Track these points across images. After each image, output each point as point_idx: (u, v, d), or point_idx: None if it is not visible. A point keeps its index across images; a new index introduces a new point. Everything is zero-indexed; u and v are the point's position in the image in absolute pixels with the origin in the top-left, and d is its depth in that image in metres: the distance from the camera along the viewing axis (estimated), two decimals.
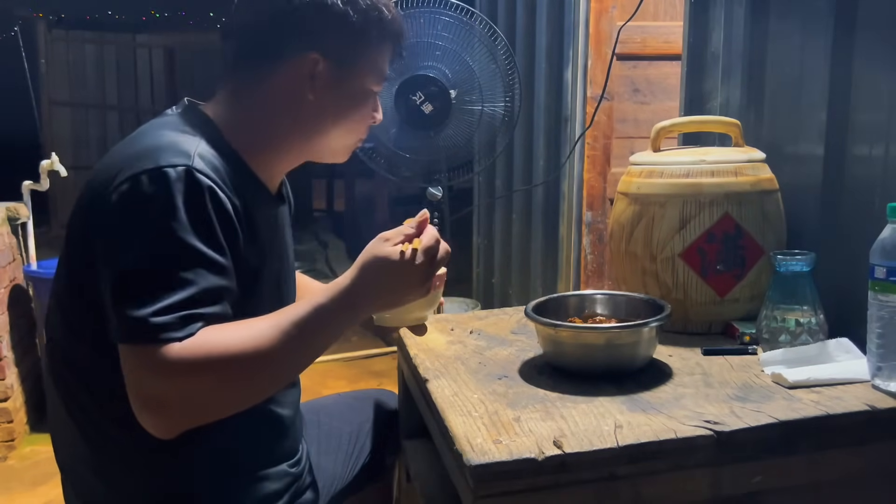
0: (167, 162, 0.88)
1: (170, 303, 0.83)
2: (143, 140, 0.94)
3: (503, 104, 2.32)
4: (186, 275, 0.85)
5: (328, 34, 1.01)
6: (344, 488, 1.30)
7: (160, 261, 0.85)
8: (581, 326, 1.15)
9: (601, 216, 2.73)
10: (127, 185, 0.87)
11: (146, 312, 0.82)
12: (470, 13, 2.24)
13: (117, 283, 0.85)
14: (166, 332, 0.82)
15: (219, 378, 0.85)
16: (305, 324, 0.90)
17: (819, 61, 1.33)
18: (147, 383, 0.83)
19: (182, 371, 0.82)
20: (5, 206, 2.88)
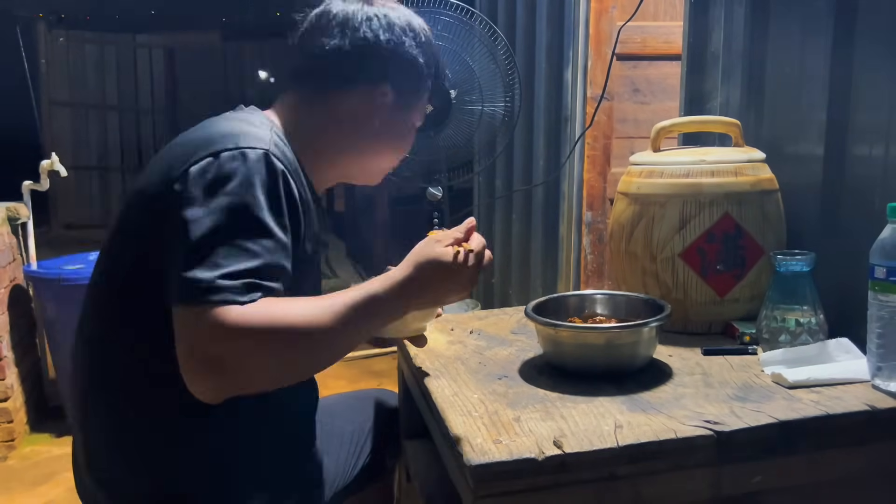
0: (247, 144, 0.94)
1: (236, 269, 0.87)
2: (215, 127, 1.00)
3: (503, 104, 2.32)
4: (254, 247, 0.89)
5: (399, 72, 1.13)
6: (344, 488, 1.31)
7: (232, 231, 0.89)
8: (581, 326, 1.15)
9: (601, 216, 2.73)
10: (207, 161, 0.92)
11: (213, 275, 0.86)
12: (470, 13, 2.24)
13: (189, 251, 0.88)
14: (230, 295, 0.85)
15: (273, 346, 0.88)
16: (358, 308, 0.94)
17: (819, 61, 1.33)
18: (204, 344, 0.85)
19: (240, 334, 0.85)
20: (5, 206, 2.88)
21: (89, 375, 1.05)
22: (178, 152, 0.97)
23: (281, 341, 0.88)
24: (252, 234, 0.90)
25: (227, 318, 0.84)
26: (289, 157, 1.01)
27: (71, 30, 7.54)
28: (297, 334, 0.89)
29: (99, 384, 1.03)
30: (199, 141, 0.97)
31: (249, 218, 0.90)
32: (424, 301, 1.02)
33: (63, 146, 6.93)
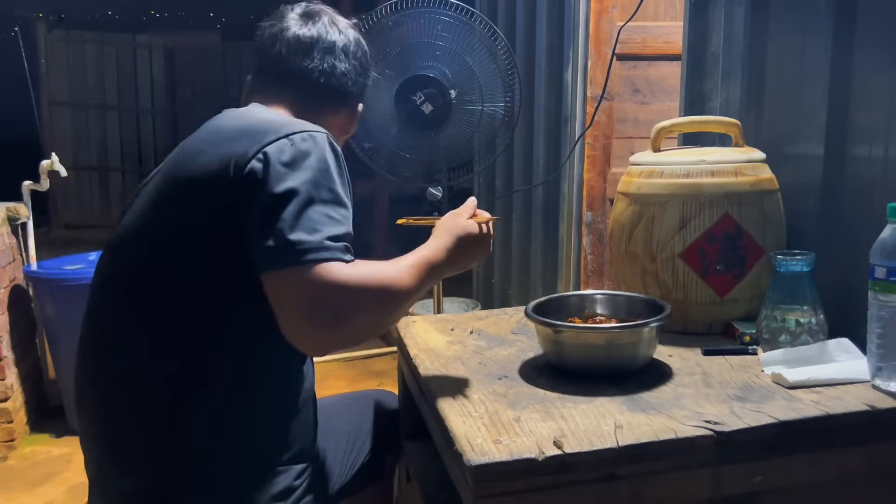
0: (311, 128, 1.04)
1: (335, 233, 0.96)
2: (264, 116, 1.11)
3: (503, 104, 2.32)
4: (338, 216, 0.98)
5: (367, 83, 1.32)
6: (343, 488, 1.31)
7: (321, 201, 0.97)
8: (581, 327, 1.15)
9: (601, 216, 2.73)
10: (284, 142, 1.00)
11: (319, 237, 0.94)
12: (470, 13, 2.24)
13: (285, 220, 0.94)
14: (338, 253, 0.94)
15: (377, 299, 0.97)
16: (423, 270, 1.05)
17: (819, 61, 1.33)
18: (321, 297, 0.92)
19: (354, 286, 0.94)
20: (5, 206, 2.88)
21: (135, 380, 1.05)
22: (232, 139, 1.02)
23: (381, 295, 0.98)
24: (335, 203, 0.99)
25: (342, 273, 0.93)
26: None
27: (71, 30, 7.53)
28: (392, 290, 0.99)
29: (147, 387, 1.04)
30: (255, 127, 1.03)
31: (331, 190, 0.99)
32: (462, 265, 1.14)
33: (63, 146, 6.92)
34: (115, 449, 1.07)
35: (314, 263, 0.92)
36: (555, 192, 2.86)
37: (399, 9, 2.16)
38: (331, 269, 0.93)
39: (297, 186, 0.96)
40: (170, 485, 1.03)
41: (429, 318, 1.46)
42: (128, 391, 1.05)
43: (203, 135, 1.10)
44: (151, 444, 1.03)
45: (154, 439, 1.03)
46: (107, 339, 1.08)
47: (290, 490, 1.07)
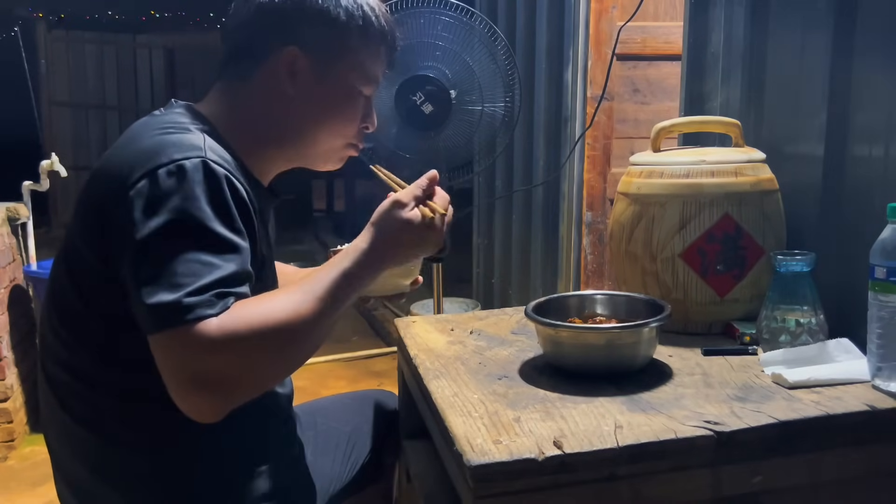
0: (182, 155, 0.89)
1: (200, 285, 0.83)
2: (146, 139, 0.94)
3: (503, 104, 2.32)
4: (212, 259, 0.86)
5: (307, 30, 1.03)
6: (343, 489, 1.30)
7: (185, 247, 0.85)
8: (581, 327, 1.15)
9: (601, 216, 2.73)
10: (145, 182, 0.88)
11: (178, 296, 0.82)
12: (470, 13, 2.24)
13: (145, 276, 0.84)
14: (201, 310, 0.82)
15: (262, 346, 0.85)
16: (337, 288, 0.93)
17: (819, 61, 1.33)
18: (191, 365, 0.82)
19: (224, 344, 0.82)
20: (5, 206, 2.88)
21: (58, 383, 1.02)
22: (111, 172, 0.92)
23: (269, 339, 0.85)
24: (206, 246, 0.86)
25: (209, 332, 0.81)
26: (227, 158, 0.95)
27: (71, 30, 7.54)
28: (284, 329, 0.86)
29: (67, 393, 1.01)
30: (129, 160, 0.91)
31: (200, 230, 0.86)
32: (398, 262, 1.02)
33: (63, 146, 6.93)
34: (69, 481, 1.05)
35: (173, 328, 0.81)
36: (555, 192, 2.86)
37: (399, 9, 2.16)
38: (194, 331, 0.81)
39: (154, 236, 0.85)
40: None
41: (429, 318, 1.46)
42: (53, 402, 1.02)
43: (105, 159, 0.98)
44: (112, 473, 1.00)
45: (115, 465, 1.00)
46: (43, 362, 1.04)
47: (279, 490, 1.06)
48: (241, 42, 1.06)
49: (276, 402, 1.12)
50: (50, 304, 1.03)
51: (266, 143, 1.07)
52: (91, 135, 7.62)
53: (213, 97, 1.08)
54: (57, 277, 1.02)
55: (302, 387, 1.22)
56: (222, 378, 0.83)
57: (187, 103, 1.07)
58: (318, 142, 1.10)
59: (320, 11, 1.03)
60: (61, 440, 1.04)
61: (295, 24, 1.03)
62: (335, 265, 0.95)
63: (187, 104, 1.06)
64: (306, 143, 1.09)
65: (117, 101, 7.72)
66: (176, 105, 1.06)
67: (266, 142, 1.07)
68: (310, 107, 1.06)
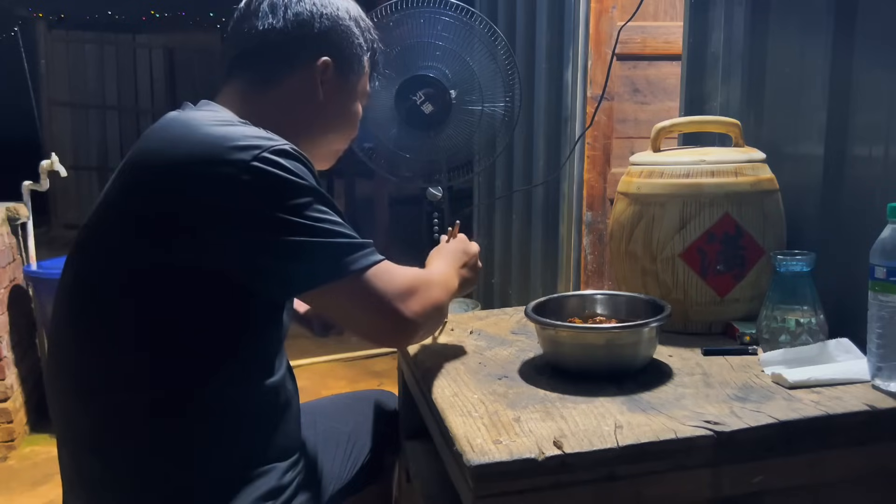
0: (268, 142, 0.95)
1: (357, 240, 0.98)
2: (210, 129, 0.96)
3: (503, 104, 2.31)
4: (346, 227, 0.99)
5: (337, 44, 1.15)
6: (343, 489, 1.30)
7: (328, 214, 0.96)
8: (581, 327, 1.15)
9: (601, 216, 2.73)
10: (245, 167, 0.91)
11: (362, 241, 0.98)
12: (470, 13, 2.24)
13: (308, 246, 0.93)
14: (369, 256, 0.98)
15: (433, 289, 1.06)
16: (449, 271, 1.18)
17: (819, 61, 1.33)
18: (392, 300, 0.98)
19: (411, 280, 1.01)
20: (5, 206, 2.88)
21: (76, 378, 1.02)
22: (181, 164, 0.94)
23: (433, 285, 1.06)
24: (336, 212, 0.98)
25: (390, 273, 0.99)
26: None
27: (71, 30, 7.54)
28: (438, 279, 1.10)
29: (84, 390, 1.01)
30: (204, 147, 0.93)
31: (325, 199, 0.97)
32: (463, 289, 1.23)
33: (63, 146, 6.93)
34: (79, 473, 1.05)
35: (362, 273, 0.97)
36: (555, 192, 2.86)
37: (399, 9, 2.16)
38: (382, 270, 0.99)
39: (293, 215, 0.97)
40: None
41: None
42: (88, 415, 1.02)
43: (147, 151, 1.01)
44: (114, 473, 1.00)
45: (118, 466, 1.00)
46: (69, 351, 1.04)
47: (279, 489, 1.07)
48: (271, 48, 1.11)
49: (282, 402, 1.12)
50: (71, 305, 1.02)
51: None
52: (91, 135, 7.61)
53: (232, 97, 1.11)
54: (78, 276, 1.01)
55: (302, 387, 1.22)
56: (415, 311, 1.00)
57: (210, 102, 1.11)
58: (327, 142, 1.21)
59: (347, 30, 1.16)
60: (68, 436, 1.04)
61: (329, 39, 1.14)
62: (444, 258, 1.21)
63: (211, 102, 1.10)
64: (320, 143, 1.19)
65: (117, 101, 7.71)
66: (205, 103, 1.09)
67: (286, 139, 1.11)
68: (330, 111, 1.17)
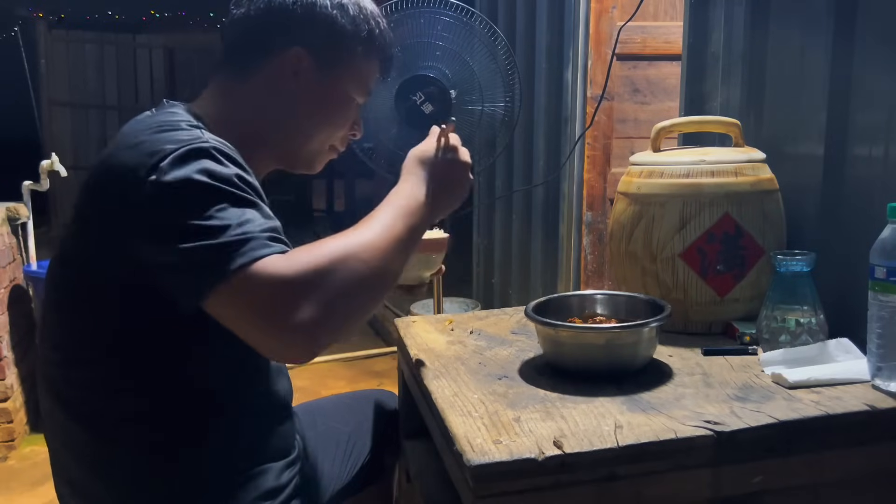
0: (182, 144, 0.88)
1: (253, 229, 0.83)
2: (142, 137, 0.92)
3: (503, 104, 2.32)
4: (249, 213, 0.85)
5: (314, 33, 1.05)
6: (342, 489, 1.30)
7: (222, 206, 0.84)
8: (581, 327, 1.15)
9: (601, 216, 2.73)
10: (154, 177, 0.85)
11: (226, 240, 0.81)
12: (470, 13, 2.24)
13: (190, 246, 0.82)
14: (256, 250, 0.81)
15: (338, 271, 0.83)
16: (398, 212, 0.94)
17: (819, 61, 1.33)
18: (274, 302, 0.79)
19: (297, 273, 0.80)
20: (5, 206, 2.88)
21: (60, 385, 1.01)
22: (115, 174, 0.90)
23: (342, 262, 0.84)
24: (237, 202, 0.85)
25: (282, 264, 0.80)
26: (227, 144, 0.94)
27: (71, 30, 7.53)
28: (354, 249, 0.86)
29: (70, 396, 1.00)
30: (131, 159, 0.89)
31: (224, 192, 0.85)
32: (442, 197, 1.02)
33: (63, 146, 6.92)
34: (68, 480, 1.05)
35: (236, 274, 0.80)
36: (555, 192, 2.86)
37: (399, 9, 2.16)
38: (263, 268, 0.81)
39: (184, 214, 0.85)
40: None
41: (429, 318, 1.46)
42: (58, 431, 1.02)
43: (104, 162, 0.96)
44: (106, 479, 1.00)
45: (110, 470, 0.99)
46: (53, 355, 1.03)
47: (277, 490, 1.07)
48: (245, 38, 1.06)
49: (275, 402, 1.12)
50: (50, 306, 1.02)
51: (257, 141, 1.07)
52: (91, 135, 7.60)
53: (209, 94, 1.08)
54: (56, 279, 1.01)
55: (302, 387, 1.22)
56: (308, 314, 0.80)
57: (180, 102, 1.06)
58: (308, 143, 1.11)
59: (328, 17, 1.05)
60: (60, 439, 1.04)
61: (302, 27, 1.04)
62: (388, 203, 0.96)
63: (180, 103, 1.06)
64: (297, 143, 1.10)
65: (117, 101, 7.70)
66: (168, 105, 1.05)
67: (257, 140, 1.07)
68: (306, 109, 1.07)
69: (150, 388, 0.96)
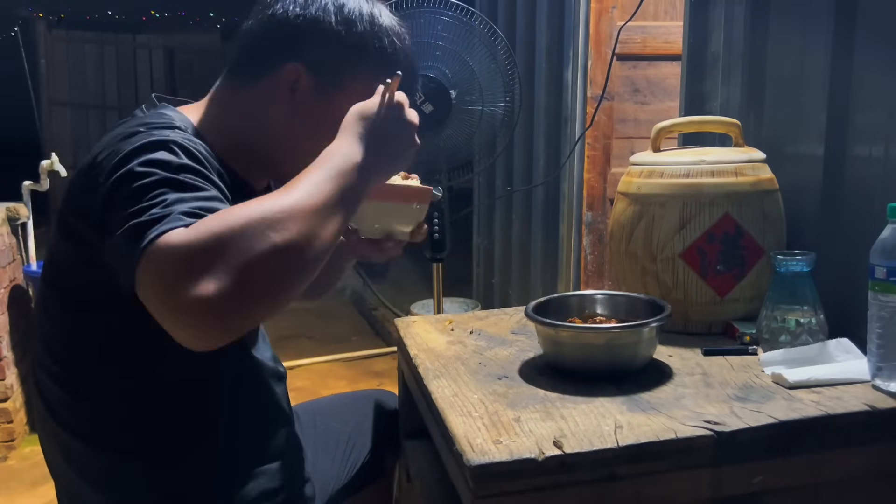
0: (150, 138, 0.87)
1: (168, 209, 0.77)
2: (119, 139, 0.90)
3: (503, 104, 2.32)
4: (184, 194, 0.80)
5: (316, 50, 1.00)
6: (342, 489, 1.30)
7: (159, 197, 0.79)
8: (581, 327, 1.15)
9: (601, 216, 2.73)
10: (117, 158, 0.84)
11: (146, 218, 0.76)
12: (470, 13, 2.24)
13: (119, 232, 0.78)
14: (163, 225, 0.74)
15: (244, 241, 0.73)
16: (326, 178, 0.83)
17: (819, 61, 1.33)
18: (171, 279, 0.72)
19: (203, 238, 0.72)
20: (5, 206, 2.88)
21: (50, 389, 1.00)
22: (86, 178, 0.89)
23: (250, 231, 0.73)
24: (176, 185, 0.81)
25: (178, 238, 0.73)
26: (196, 143, 0.92)
27: (71, 30, 7.54)
28: (270, 213, 0.76)
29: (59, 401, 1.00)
30: (102, 160, 0.88)
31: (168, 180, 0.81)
32: (381, 155, 0.90)
33: (63, 146, 6.92)
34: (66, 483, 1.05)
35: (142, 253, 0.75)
36: (555, 192, 2.86)
37: (399, 9, 2.16)
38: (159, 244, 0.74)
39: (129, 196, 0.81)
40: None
41: (429, 318, 1.46)
42: (49, 436, 1.02)
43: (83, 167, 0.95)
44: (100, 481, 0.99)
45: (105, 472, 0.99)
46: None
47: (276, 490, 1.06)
48: (247, 49, 1.04)
49: (272, 404, 1.12)
50: (39, 311, 1.02)
51: (245, 152, 1.04)
52: (91, 135, 7.60)
53: (207, 99, 1.06)
54: (44, 279, 1.01)
55: (302, 387, 1.22)
56: (214, 283, 0.71)
57: (170, 105, 1.05)
58: (300, 161, 0.97)
59: (331, 33, 1.00)
60: (51, 444, 1.04)
61: (305, 42, 1.00)
62: (319, 163, 0.86)
63: (170, 106, 1.04)
64: (293, 159, 1.01)
65: (117, 101, 7.71)
66: (160, 106, 1.04)
67: (245, 151, 1.03)
68: (303, 125, 1.02)
69: (141, 393, 0.96)
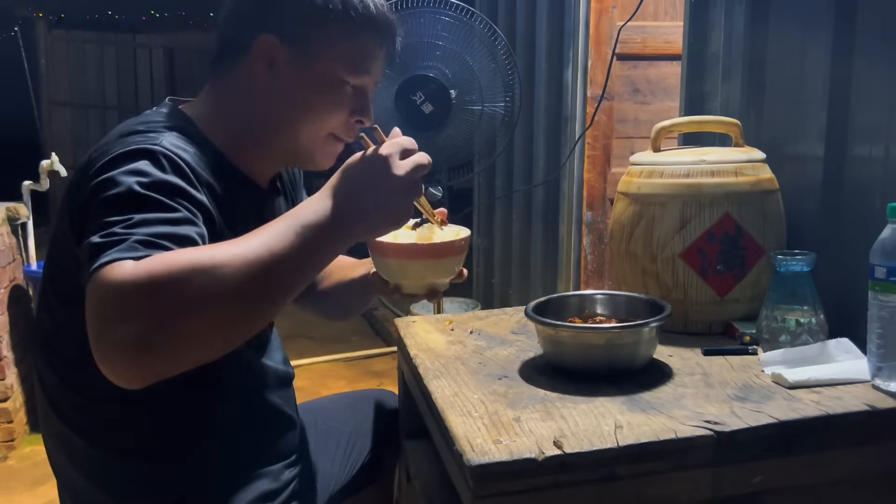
0: (136, 145, 0.87)
1: (127, 236, 0.76)
2: (114, 138, 0.93)
3: (503, 104, 2.32)
4: (151, 216, 0.79)
5: (285, 18, 0.98)
6: (342, 489, 1.30)
7: (129, 214, 0.78)
8: (581, 327, 1.15)
9: (601, 216, 2.73)
10: (102, 161, 0.86)
11: (103, 239, 0.75)
12: (470, 13, 2.24)
13: (85, 244, 0.78)
14: (116, 252, 0.73)
15: (183, 288, 0.71)
16: (288, 231, 0.80)
17: (819, 61, 1.33)
18: (102, 311, 0.71)
19: (136, 285, 0.70)
20: (5, 206, 2.88)
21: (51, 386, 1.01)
22: (81, 178, 0.91)
23: (192, 280, 0.71)
24: (142, 209, 0.79)
25: (120, 273, 0.70)
26: (188, 151, 0.92)
27: (71, 30, 7.54)
28: (217, 260, 0.73)
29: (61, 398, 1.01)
30: (98, 153, 0.90)
31: (135, 196, 0.80)
32: (367, 212, 0.86)
33: (63, 146, 6.92)
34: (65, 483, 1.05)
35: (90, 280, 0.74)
36: (555, 192, 2.86)
37: (399, 9, 2.16)
38: (103, 275, 0.72)
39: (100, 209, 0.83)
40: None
41: (429, 318, 1.46)
42: (53, 435, 1.03)
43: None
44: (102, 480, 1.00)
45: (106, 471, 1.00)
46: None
47: (276, 491, 1.06)
48: (223, 34, 1.03)
49: (278, 407, 1.12)
50: (41, 308, 1.02)
51: (248, 140, 1.03)
52: (91, 135, 7.60)
53: (201, 96, 1.07)
54: (44, 278, 1.02)
55: (302, 387, 1.22)
56: (137, 327, 0.69)
57: (173, 104, 1.06)
58: (299, 136, 1.02)
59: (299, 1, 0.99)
60: (54, 441, 1.04)
61: (272, 12, 0.98)
62: (293, 214, 0.83)
63: (174, 104, 1.05)
64: (288, 137, 1.02)
65: (117, 101, 7.71)
66: (163, 105, 1.05)
67: (248, 139, 1.03)
68: (289, 99, 1.00)
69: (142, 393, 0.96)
